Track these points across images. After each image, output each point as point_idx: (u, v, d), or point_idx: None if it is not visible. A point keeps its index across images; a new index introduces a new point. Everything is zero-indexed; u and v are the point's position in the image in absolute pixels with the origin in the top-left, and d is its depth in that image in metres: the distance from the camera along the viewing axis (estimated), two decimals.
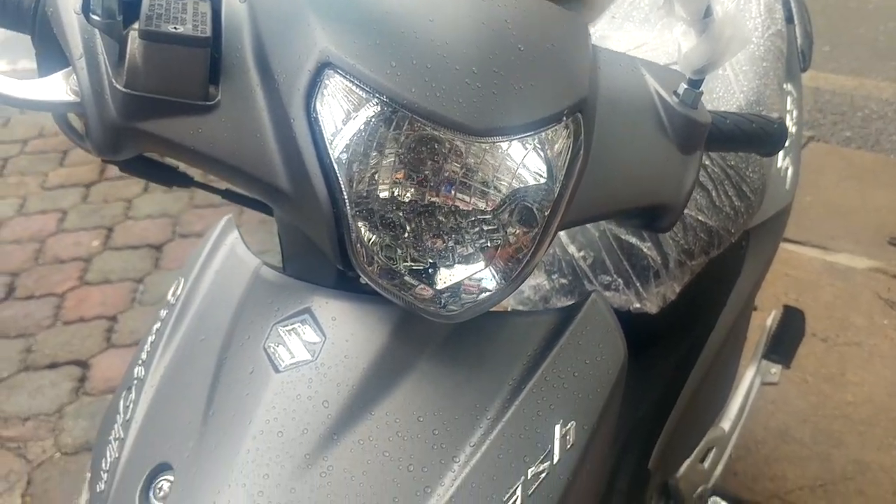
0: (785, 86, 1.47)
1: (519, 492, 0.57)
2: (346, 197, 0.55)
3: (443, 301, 0.58)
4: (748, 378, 1.59)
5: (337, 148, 0.54)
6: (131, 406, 0.67)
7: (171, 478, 0.60)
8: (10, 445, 2.08)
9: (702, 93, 0.70)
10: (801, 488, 1.90)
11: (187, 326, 0.68)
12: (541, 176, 0.58)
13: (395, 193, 0.56)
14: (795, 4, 1.55)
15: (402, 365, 0.60)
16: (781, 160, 1.36)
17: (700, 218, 1.12)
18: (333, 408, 0.58)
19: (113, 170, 3.59)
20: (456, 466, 0.57)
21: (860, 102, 4.12)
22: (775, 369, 1.64)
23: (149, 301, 2.61)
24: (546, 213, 0.59)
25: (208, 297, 0.69)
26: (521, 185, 0.57)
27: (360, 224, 0.56)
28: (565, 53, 0.59)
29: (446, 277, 0.58)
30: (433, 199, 0.56)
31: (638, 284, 1.06)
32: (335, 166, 0.55)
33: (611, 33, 1.45)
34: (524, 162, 0.57)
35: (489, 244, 0.58)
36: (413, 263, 0.57)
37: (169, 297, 0.73)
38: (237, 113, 0.57)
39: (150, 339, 0.71)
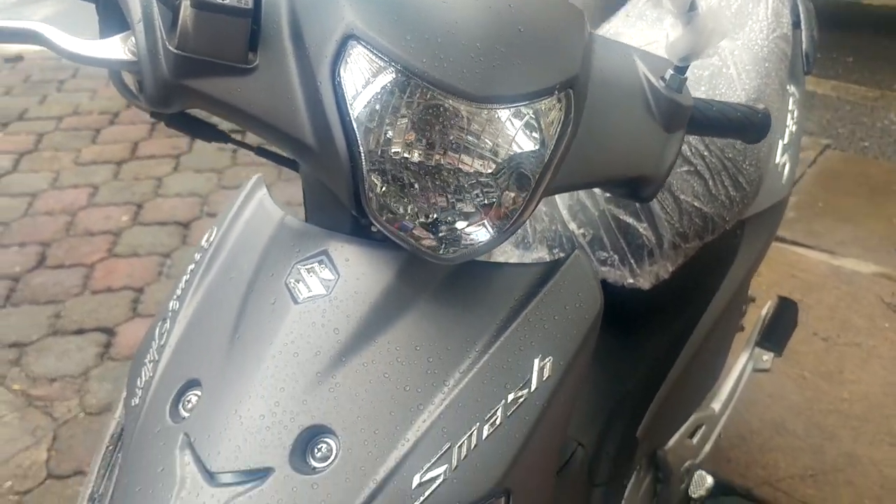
0: (788, 87, 1.55)
1: (499, 413, 0.66)
2: (362, 152, 0.64)
3: (443, 247, 0.66)
4: (741, 363, 1.67)
5: (356, 109, 0.63)
6: (166, 334, 0.76)
7: (199, 392, 0.69)
8: (37, 404, 2.18)
9: (686, 78, 0.78)
10: (791, 477, 1.97)
11: (218, 267, 0.77)
12: (534, 143, 0.66)
13: (406, 153, 0.64)
14: (804, 11, 1.62)
15: (404, 301, 0.68)
16: (780, 156, 1.43)
17: (696, 204, 1.19)
18: (343, 335, 0.67)
19: (144, 149, 3.73)
20: (446, 389, 0.66)
21: (881, 113, 4.16)
22: (767, 357, 1.71)
23: (175, 275, 2.71)
24: (536, 177, 0.67)
25: (238, 242, 0.78)
26: (516, 151, 0.66)
27: (373, 177, 0.64)
28: (560, 36, 0.68)
29: (447, 228, 0.66)
30: (439, 160, 0.65)
31: (632, 262, 1.14)
32: (354, 125, 0.63)
33: (624, 30, 1.52)
34: (519, 129, 0.65)
35: (486, 202, 0.66)
36: (419, 214, 0.66)
37: (203, 242, 0.82)
38: (272, 76, 0.66)
39: (185, 277, 0.80)
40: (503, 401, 0.66)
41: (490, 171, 0.66)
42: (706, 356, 1.36)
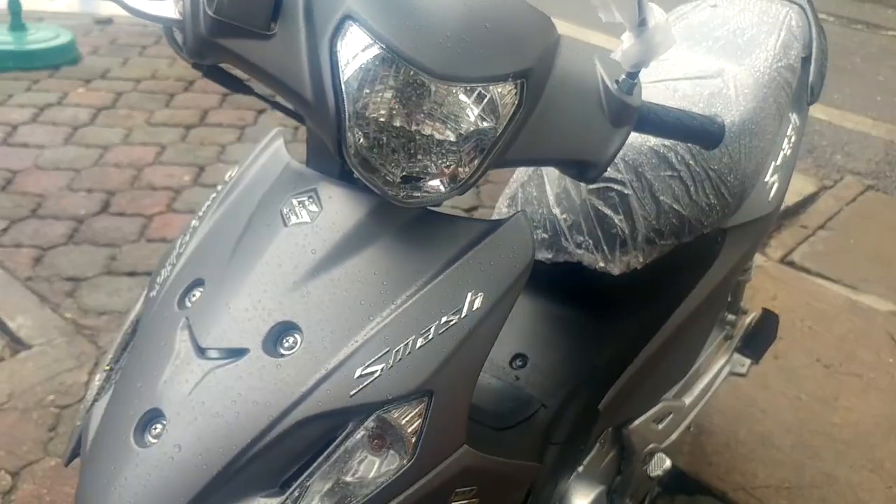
0: (790, 114, 1.66)
1: (433, 330, 0.81)
2: (346, 110, 0.80)
3: (404, 194, 0.82)
4: (718, 365, 1.79)
5: (346, 74, 0.79)
6: (185, 245, 0.93)
7: (203, 289, 0.86)
8: (85, 332, 2.39)
9: (636, 83, 0.92)
10: (767, 486, 2.08)
11: (234, 195, 0.94)
12: (489, 121, 0.81)
13: (383, 117, 0.80)
14: (817, 47, 1.74)
15: (371, 235, 0.84)
16: (770, 175, 1.55)
17: (675, 206, 1.32)
18: (318, 255, 0.82)
19: (213, 117, 3.93)
20: (393, 307, 0.81)
21: None
22: (745, 363, 1.82)
23: None
24: (488, 149, 0.82)
25: (252, 178, 0.95)
26: (474, 126, 0.81)
27: (355, 132, 0.80)
28: (521, 35, 0.83)
29: (411, 180, 0.82)
30: (411, 126, 0.80)
31: (605, 248, 1.28)
32: (343, 87, 0.79)
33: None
34: (476, 106, 0.80)
35: (446, 164, 0.82)
36: (390, 166, 0.82)
37: (226, 177, 0.99)
38: (286, 43, 0.82)
39: (207, 203, 0.97)
40: (437, 321, 0.81)
41: (452, 139, 0.81)
42: (676, 348, 1.48)
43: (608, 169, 1.27)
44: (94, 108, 3.76)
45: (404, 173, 0.81)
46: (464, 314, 0.82)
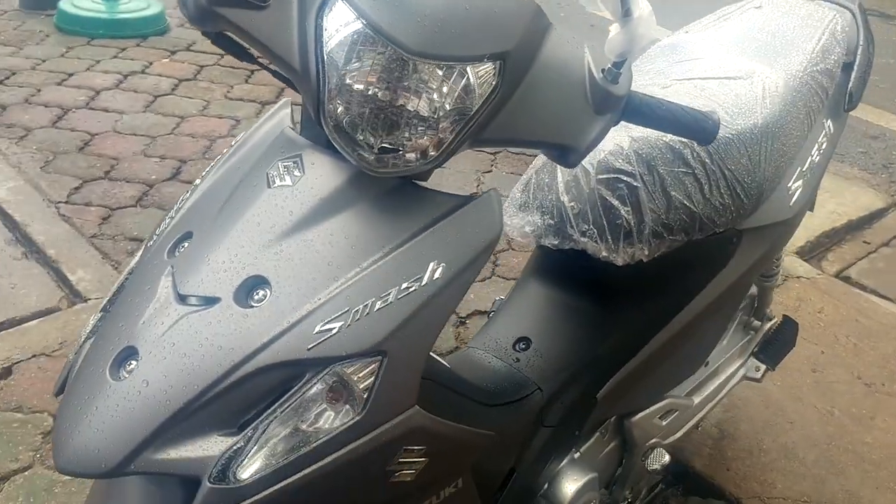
0: (825, 121, 1.65)
1: (392, 294, 0.86)
2: (328, 80, 0.85)
3: (380, 163, 0.87)
4: (733, 368, 1.78)
5: (328, 46, 0.84)
6: (185, 201, 1.01)
7: (190, 241, 0.93)
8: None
9: (621, 73, 0.94)
10: (785, 498, 2.06)
11: (235, 158, 1.01)
12: (466, 100, 0.86)
13: (362, 89, 0.85)
14: (862, 53, 1.71)
15: (346, 202, 0.89)
16: (793, 180, 1.55)
17: (686, 203, 1.33)
18: (295, 216, 0.88)
19: (287, 94, 4.03)
20: (358, 269, 0.86)
21: None
22: (761, 368, 1.82)
23: None
24: (462, 125, 0.87)
25: (252, 143, 1.01)
26: (450, 102, 0.85)
27: (335, 102, 0.86)
28: (501, 20, 0.86)
29: (387, 151, 0.87)
30: (387, 99, 0.85)
31: (610, 238, 1.30)
32: (325, 58, 0.85)
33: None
34: (452, 83, 0.85)
35: (419, 138, 0.87)
36: (368, 136, 0.87)
37: (233, 142, 1.06)
38: (278, 14, 0.88)
39: (211, 164, 1.04)
40: (398, 286, 0.86)
41: (426, 114, 0.86)
42: (683, 345, 1.49)
43: (619, 160, 1.31)
44: (175, 78, 3.92)
45: (382, 144, 0.86)
46: (424, 282, 0.87)
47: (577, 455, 1.42)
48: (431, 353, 1.12)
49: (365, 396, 0.85)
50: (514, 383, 1.32)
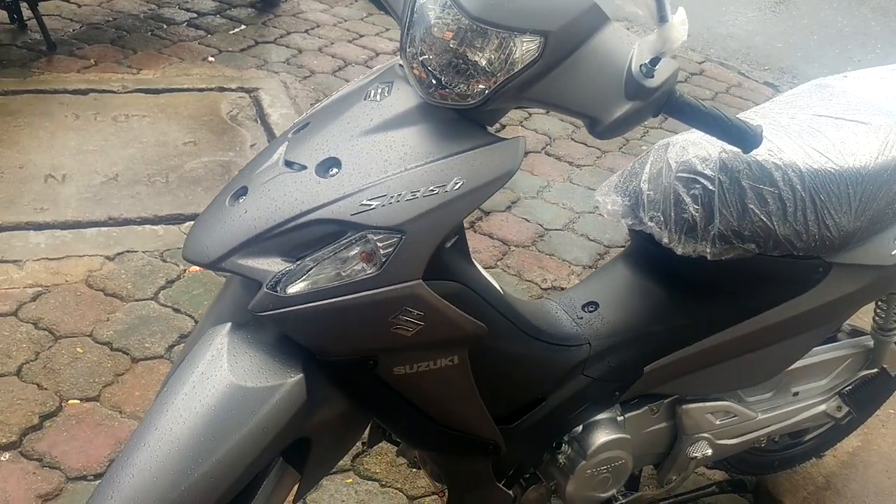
0: None
1: (421, 191, 1.11)
2: (408, 23, 1.14)
3: (439, 97, 1.14)
4: (812, 399, 1.82)
5: (419, 2, 1.13)
6: (318, 104, 1.34)
7: (307, 127, 1.25)
8: None
9: (655, 69, 1.14)
10: None
11: (359, 81, 1.32)
12: (510, 60, 1.11)
13: (436, 37, 1.13)
14: None
15: (411, 121, 1.15)
16: None
17: (762, 217, 1.45)
18: (374, 123, 1.15)
19: None
20: (402, 170, 1.11)
21: None
22: (844, 410, 1.84)
23: None
24: (503, 81, 1.12)
25: (375, 71, 1.32)
26: (499, 61, 1.11)
27: (415, 44, 1.14)
28: (553, 7, 1.10)
29: (443, 87, 1.14)
30: (457, 47, 1.12)
31: (673, 229, 1.46)
32: (415, 10, 1.13)
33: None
34: (503, 47, 1.10)
35: (471, 83, 1.13)
36: (435, 71, 1.14)
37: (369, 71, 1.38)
38: None
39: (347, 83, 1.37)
40: (426, 188, 1.12)
41: (483, 64, 1.12)
42: (743, 354, 1.60)
43: (702, 164, 1.47)
44: None
45: (443, 78, 1.14)
46: (446, 190, 1.13)
47: (619, 418, 1.59)
48: (495, 284, 1.38)
49: (384, 261, 1.13)
50: (568, 333, 1.53)
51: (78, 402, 2.14)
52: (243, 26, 4.33)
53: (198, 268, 2.61)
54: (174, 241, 2.72)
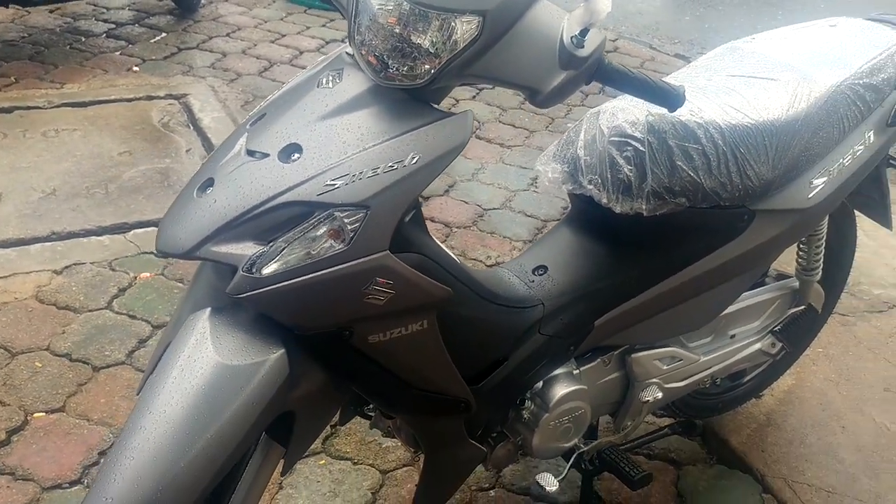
0: (866, 133, 1.82)
1: (380, 169, 1.19)
2: (354, 10, 1.22)
3: (388, 78, 1.22)
4: (747, 339, 1.97)
5: None
6: (272, 95, 1.40)
7: (264, 117, 1.32)
8: None
9: (585, 40, 1.24)
10: (810, 485, 2.20)
11: (309, 70, 1.39)
12: (453, 39, 1.19)
13: (382, 23, 1.21)
14: None
15: (364, 104, 1.22)
16: (816, 175, 1.74)
17: (690, 172, 1.57)
18: (328, 108, 1.22)
19: None
20: (361, 149, 1.19)
21: None
22: (777, 346, 1.99)
23: None
24: (447, 60, 1.20)
25: (323, 61, 1.40)
26: (439, 42, 1.20)
27: (361, 30, 1.22)
28: None
29: (390, 69, 1.22)
30: (395, 32, 1.20)
31: (611, 189, 1.57)
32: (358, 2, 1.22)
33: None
34: (445, 28, 1.19)
35: (417, 62, 1.21)
36: (382, 56, 1.22)
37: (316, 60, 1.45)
38: None
39: (297, 73, 1.44)
40: (385, 164, 1.20)
41: (427, 46, 1.20)
42: (682, 302, 1.73)
43: (632, 128, 1.58)
44: None
45: (390, 62, 1.22)
46: (404, 165, 1.21)
47: (575, 371, 1.71)
48: (452, 255, 1.47)
49: (352, 236, 1.20)
50: (522, 296, 1.63)
51: (43, 414, 2.17)
52: (164, 34, 4.33)
53: (148, 274, 2.64)
54: (121, 251, 2.75)
